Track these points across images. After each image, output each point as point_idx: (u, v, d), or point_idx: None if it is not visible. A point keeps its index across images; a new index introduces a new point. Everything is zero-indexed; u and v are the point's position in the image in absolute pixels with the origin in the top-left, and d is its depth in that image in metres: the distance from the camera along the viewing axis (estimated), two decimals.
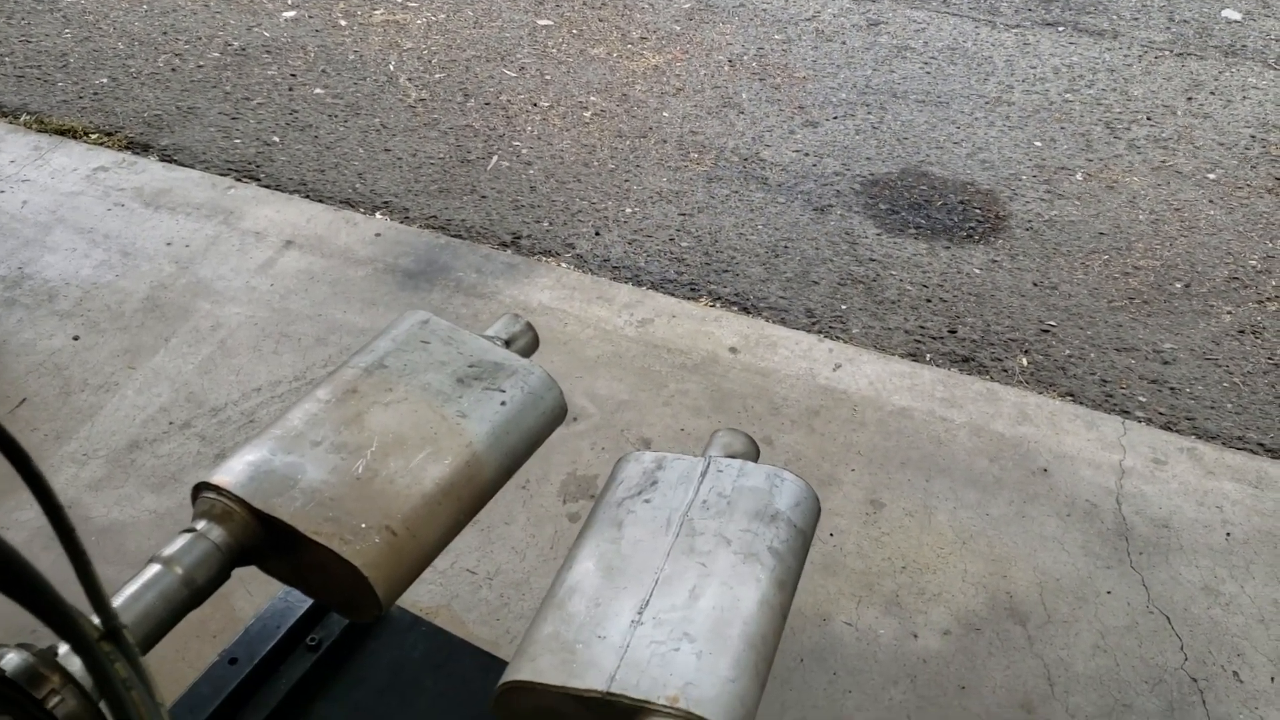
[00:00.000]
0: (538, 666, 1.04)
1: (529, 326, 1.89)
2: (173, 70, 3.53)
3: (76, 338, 2.53)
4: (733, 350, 2.56)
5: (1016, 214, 3.06)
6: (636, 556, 1.27)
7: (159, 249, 2.76)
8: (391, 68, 3.59)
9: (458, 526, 1.48)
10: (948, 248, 2.94)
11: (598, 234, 2.93)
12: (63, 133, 3.15)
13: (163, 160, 3.10)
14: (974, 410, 2.43)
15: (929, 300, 2.76)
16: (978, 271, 2.86)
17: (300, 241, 2.80)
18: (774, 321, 2.68)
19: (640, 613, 1.14)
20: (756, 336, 2.61)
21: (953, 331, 2.67)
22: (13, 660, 0.76)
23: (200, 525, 1.50)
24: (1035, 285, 2.82)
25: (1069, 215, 3.06)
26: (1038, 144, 3.35)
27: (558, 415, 1.77)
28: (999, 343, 2.65)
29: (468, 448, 1.64)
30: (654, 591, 1.17)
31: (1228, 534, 2.19)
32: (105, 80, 3.46)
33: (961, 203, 3.10)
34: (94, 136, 3.17)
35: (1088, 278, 2.84)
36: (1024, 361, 2.59)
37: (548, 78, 3.58)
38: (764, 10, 4.04)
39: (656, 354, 2.54)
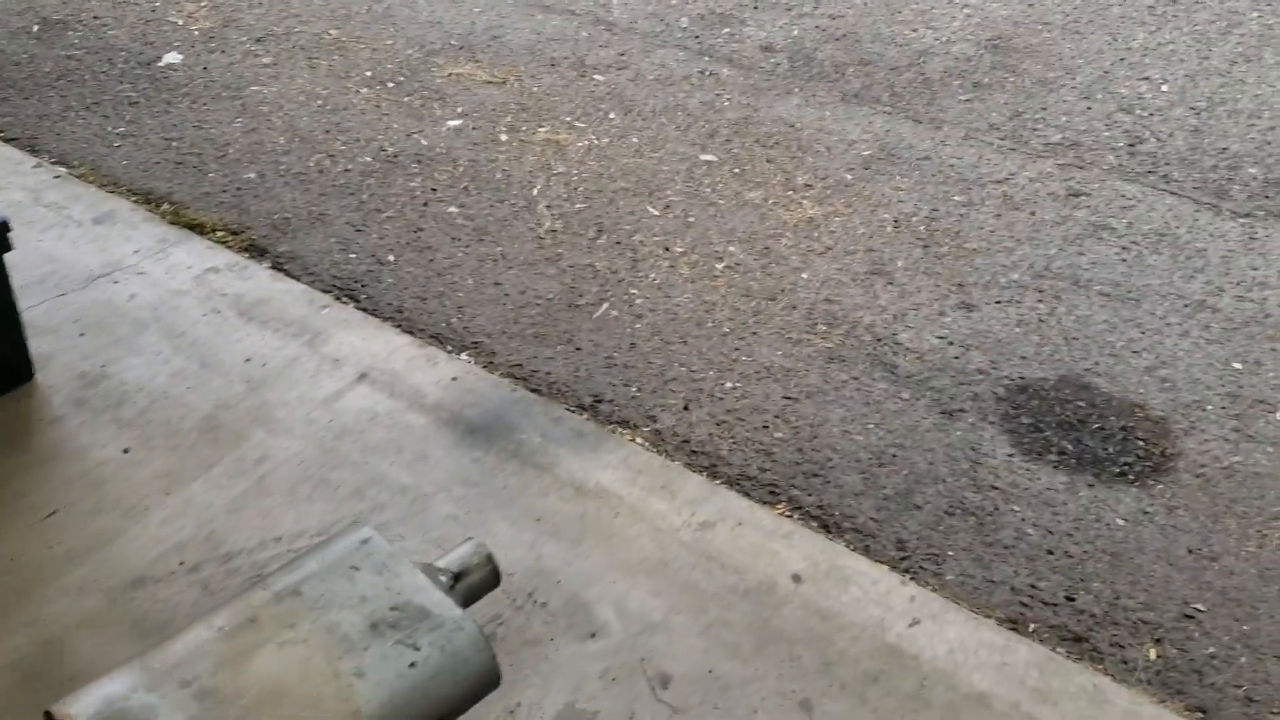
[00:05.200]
0: None
1: (488, 561, 1.63)
2: (320, 172, 3.53)
3: (127, 450, 2.47)
4: (796, 579, 2.21)
5: (1189, 453, 2.57)
6: None
7: (236, 365, 2.69)
8: (535, 192, 3.46)
9: None
10: (1091, 486, 2.48)
11: (686, 408, 2.65)
12: (193, 227, 3.17)
13: (274, 268, 3.06)
14: (1071, 710, 1.98)
15: (1051, 551, 2.32)
16: (1121, 523, 2.39)
17: (374, 376, 2.67)
18: (855, 549, 2.31)
19: None
20: (829, 566, 2.25)
21: (1070, 599, 2.22)
22: None
23: None
24: (1190, 552, 2.32)
25: (1256, 465, 2.54)
26: (1237, 366, 2.83)
27: (484, 683, 1.50)
28: (1125, 623, 2.17)
29: (353, 717, 1.40)
30: None
31: None
32: (253, 176, 3.49)
33: (1123, 429, 2.63)
34: (220, 234, 3.18)
35: (1261, 552, 2.32)
36: (1152, 654, 2.11)
37: (691, 220, 3.35)
38: (951, 166, 3.68)
39: (708, 568, 2.22)
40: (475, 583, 1.59)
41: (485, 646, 1.47)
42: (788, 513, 2.39)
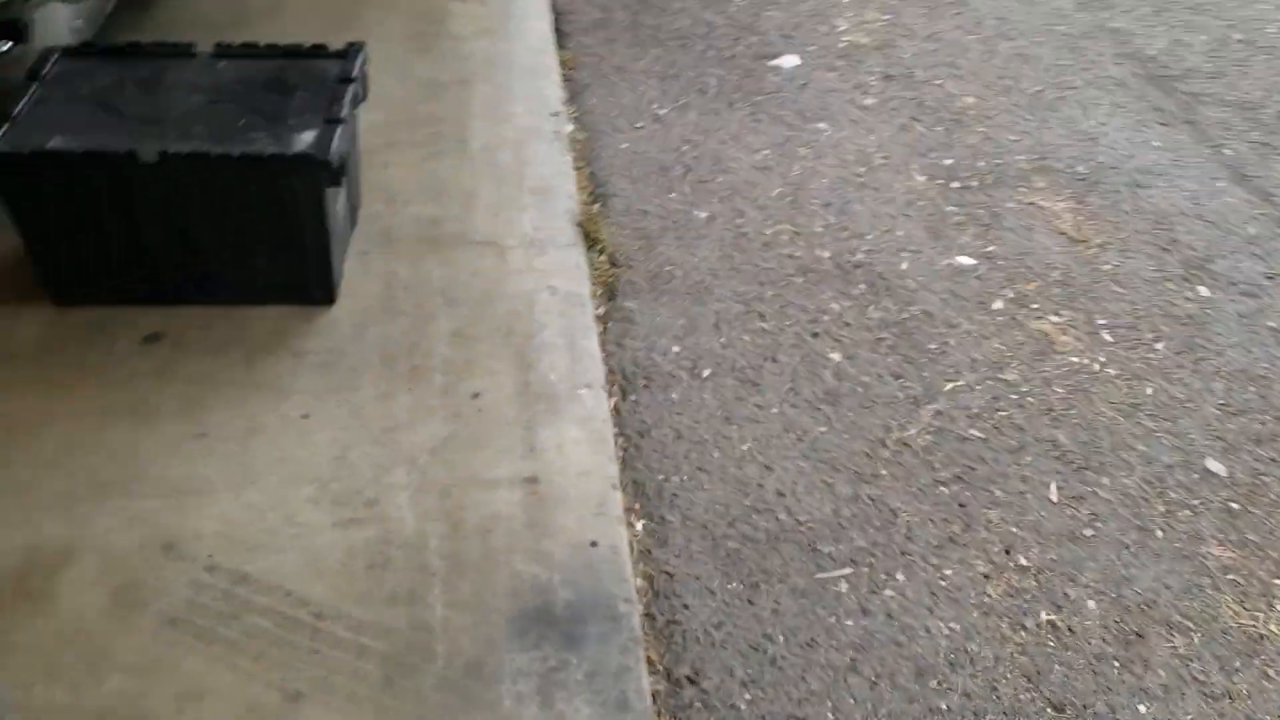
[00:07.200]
0: None
1: None
2: (764, 245, 3.09)
3: (305, 416, 2.44)
4: None
5: None
6: None
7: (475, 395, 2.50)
8: (946, 388, 2.69)
9: None
10: None
11: None
12: (590, 238, 2.98)
13: (598, 319, 2.76)
14: None
15: None
16: None
17: (541, 490, 2.30)
18: None
19: None
20: None
21: None
22: None
23: None
24: None
25: None
26: None
27: None
28: None
29: None
30: None
31: None
32: (703, 215, 3.17)
33: None
34: (602, 259, 2.95)
35: None
36: None
37: (1052, 559, 2.37)
38: None
39: None
40: None
41: None
42: None
